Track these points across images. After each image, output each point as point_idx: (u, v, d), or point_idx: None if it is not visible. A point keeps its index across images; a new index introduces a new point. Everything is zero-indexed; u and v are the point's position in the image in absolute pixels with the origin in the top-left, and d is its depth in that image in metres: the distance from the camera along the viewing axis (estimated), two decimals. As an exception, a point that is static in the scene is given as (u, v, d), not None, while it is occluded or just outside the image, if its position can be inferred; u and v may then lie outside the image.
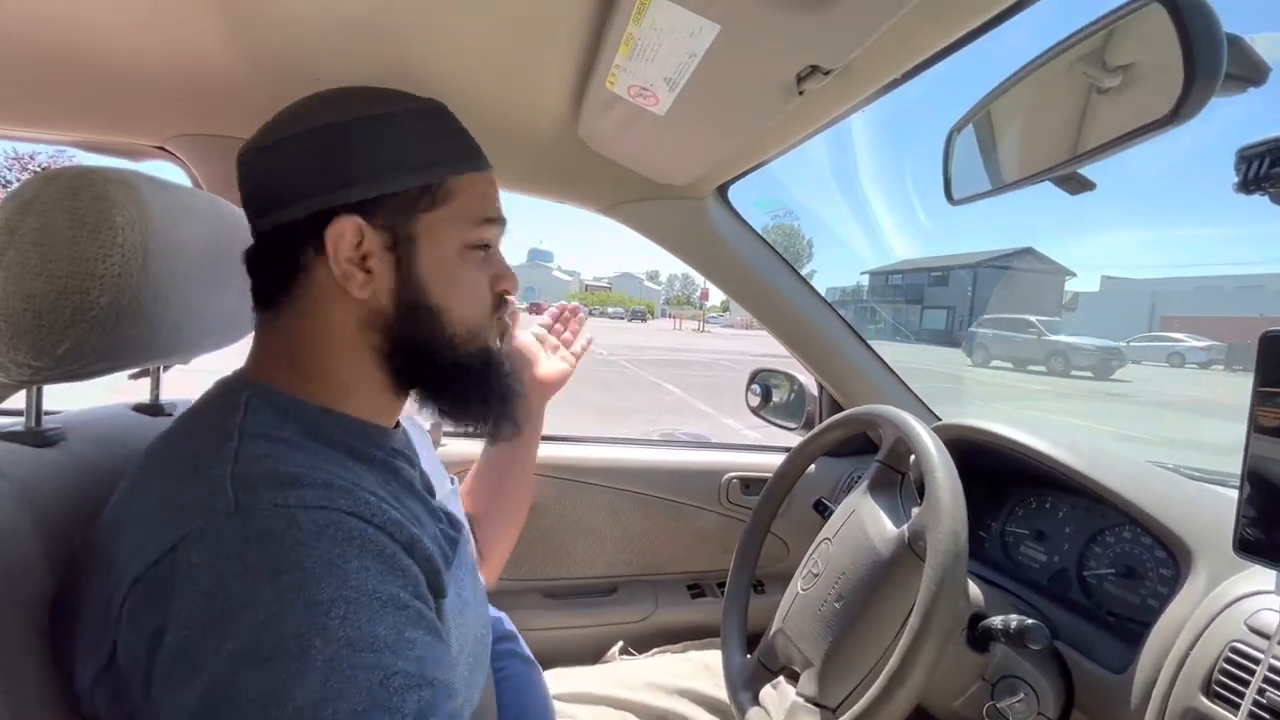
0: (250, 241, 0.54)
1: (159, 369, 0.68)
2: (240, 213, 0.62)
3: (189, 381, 0.65)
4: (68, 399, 0.65)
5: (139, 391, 0.69)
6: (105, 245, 0.44)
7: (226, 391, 0.50)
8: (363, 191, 0.50)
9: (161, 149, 0.92)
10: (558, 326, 1.04)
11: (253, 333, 0.55)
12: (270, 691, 0.34)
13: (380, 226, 0.50)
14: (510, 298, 0.59)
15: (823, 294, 1.21)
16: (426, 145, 0.53)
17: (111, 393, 0.68)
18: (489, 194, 0.56)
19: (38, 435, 0.51)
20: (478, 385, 0.57)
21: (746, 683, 0.79)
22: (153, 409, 0.66)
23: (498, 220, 0.56)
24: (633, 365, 14.33)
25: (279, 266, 0.52)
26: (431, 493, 0.59)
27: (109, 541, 0.42)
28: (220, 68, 0.72)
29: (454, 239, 0.53)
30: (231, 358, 0.60)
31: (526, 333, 1.00)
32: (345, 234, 0.49)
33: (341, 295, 0.50)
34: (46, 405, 0.53)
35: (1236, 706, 0.53)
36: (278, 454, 0.44)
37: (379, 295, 0.51)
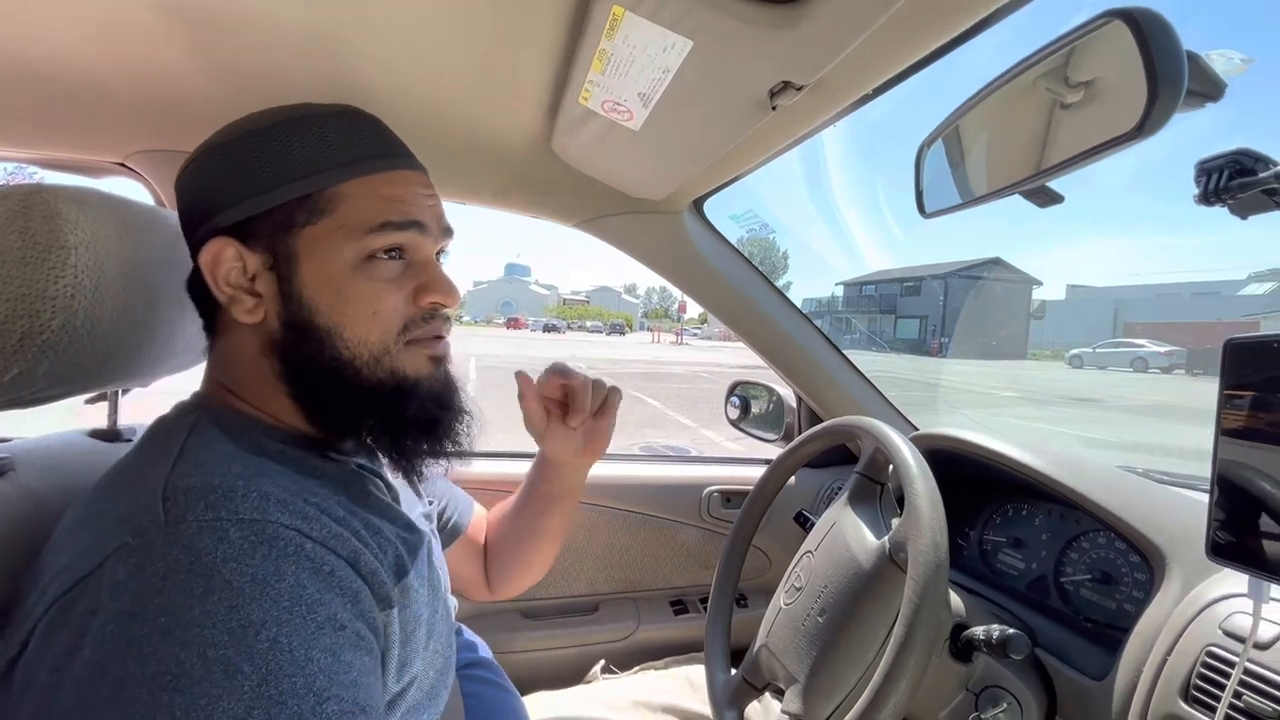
0: None
1: (117, 393, 0.65)
2: None
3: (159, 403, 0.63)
4: (25, 425, 0.62)
5: (99, 415, 0.66)
6: (57, 266, 0.42)
7: (181, 413, 0.50)
8: (233, 215, 0.48)
9: (122, 165, 0.89)
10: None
11: None
12: (193, 717, 0.32)
13: (260, 248, 0.48)
14: (444, 310, 0.54)
15: (799, 305, 1.22)
16: (307, 155, 0.48)
17: (71, 415, 0.66)
18: (395, 196, 0.51)
19: None
20: (389, 415, 0.51)
21: (731, 700, 0.78)
22: (110, 435, 0.64)
23: (405, 225, 0.50)
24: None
25: (199, 294, 0.51)
26: (398, 501, 0.57)
27: (44, 562, 0.41)
28: (180, 83, 0.70)
29: (344, 251, 0.48)
30: (195, 378, 0.58)
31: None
32: (221, 258, 0.48)
33: (238, 321, 0.49)
34: None
35: (1215, 710, 0.54)
36: (214, 467, 0.42)
37: (270, 318, 0.49)
